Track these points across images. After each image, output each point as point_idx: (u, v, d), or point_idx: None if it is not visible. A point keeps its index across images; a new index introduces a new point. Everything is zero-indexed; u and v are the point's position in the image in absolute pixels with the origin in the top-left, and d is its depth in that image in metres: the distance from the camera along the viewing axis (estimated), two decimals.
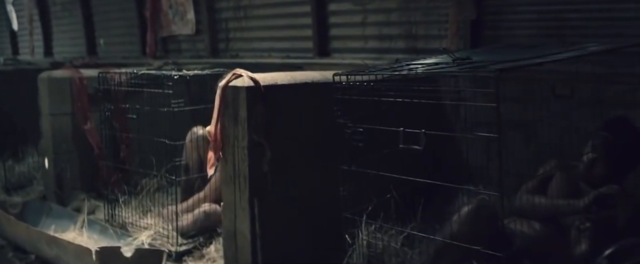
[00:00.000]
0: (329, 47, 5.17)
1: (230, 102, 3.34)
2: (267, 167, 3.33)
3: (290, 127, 3.45)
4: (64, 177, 4.89)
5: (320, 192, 3.50)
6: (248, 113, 3.27)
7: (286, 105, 3.43)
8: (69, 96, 4.91)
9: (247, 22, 5.75)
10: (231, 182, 3.39)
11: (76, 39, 7.59)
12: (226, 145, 3.40)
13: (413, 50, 4.62)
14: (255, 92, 3.29)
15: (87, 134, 4.96)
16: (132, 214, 4.40)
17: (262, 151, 3.32)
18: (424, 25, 4.56)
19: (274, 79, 3.41)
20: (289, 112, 3.45)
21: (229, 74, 3.41)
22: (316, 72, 3.74)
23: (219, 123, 3.39)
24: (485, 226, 2.84)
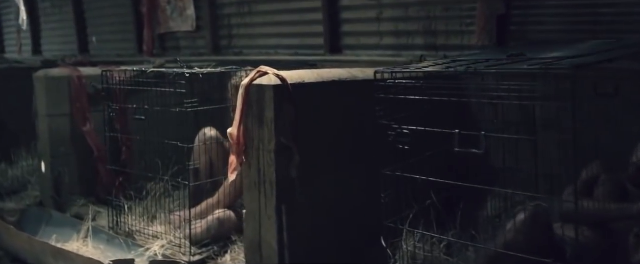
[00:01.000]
0: (341, 44, 4.91)
1: (255, 102, 3.07)
2: (295, 173, 3.06)
3: (318, 129, 3.18)
4: (62, 181, 4.58)
5: (351, 198, 3.25)
6: (275, 114, 2.99)
7: (314, 105, 3.17)
8: (67, 96, 4.58)
9: (252, 18, 5.46)
10: (255, 189, 3.11)
11: (67, 36, 7.23)
12: (249, 148, 3.12)
13: (433, 47, 4.38)
14: (282, 91, 3.02)
15: (87, 136, 4.65)
16: (138, 221, 4.09)
17: (290, 155, 3.04)
18: (444, 20, 4.32)
19: (301, 77, 3.14)
20: (317, 112, 3.18)
21: (253, 72, 3.13)
22: (342, 70, 3.48)
23: (242, 125, 3.11)
24: (542, 235, 2.61)
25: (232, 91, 4.01)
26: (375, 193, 3.30)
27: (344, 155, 3.25)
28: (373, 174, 3.40)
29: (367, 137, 3.36)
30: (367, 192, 3.27)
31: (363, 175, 3.19)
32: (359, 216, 3.22)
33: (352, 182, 3.23)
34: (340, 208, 3.22)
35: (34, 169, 5.25)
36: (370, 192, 3.33)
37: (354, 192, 3.21)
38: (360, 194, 3.23)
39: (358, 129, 3.33)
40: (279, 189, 3.02)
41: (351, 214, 3.19)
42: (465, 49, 4.20)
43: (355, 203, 3.20)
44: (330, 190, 3.20)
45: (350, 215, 3.19)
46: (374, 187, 3.36)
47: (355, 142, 3.33)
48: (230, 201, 4.00)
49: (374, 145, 3.42)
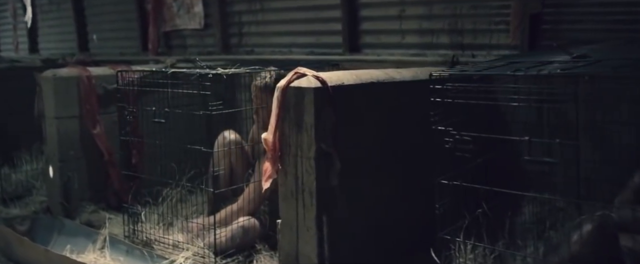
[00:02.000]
0: (360, 43, 4.70)
1: (292, 105, 2.85)
2: (336, 181, 2.85)
3: (357, 134, 2.99)
4: (72, 187, 4.33)
5: (391, 207, 3.06)
6: (315, 118, 2.78)
7: (353, 108, 2.96)
8: (76, 97, 4.33)
9: (264, 15, 5.22)
10: (292, 198, 2.90)
11: (65, 34, 6.94)
12: (285, 155, 2.91)
13: (459, 46, 4.19)
14: (323, 94, 2.81)
15: (96, 138, 4.41)
16: (155, 229, 3.86)
17: (330, 161, 2.84)
18: (471, 18, 4.13)
19: (340, 79, 2.93)
20: (357, 116, 2.98)
21: (290, 73, 2.92)
22: (377, 71, 3.28)
23: (278, 130, 2.90)
24: (609, 247, 2.43)
25: (255, 92, 3.79)
26: (416, 201, 3.12)
27: (383, 161, 3.06)
28: (414, 180, 3.22)
29: (408, 142, 3.18)
30: (408, 199, 3.09)
31: (404, 182, 3.01)
32: (399, 225, 3.04)
33: (392, 190, 3.04)
34: (380, 216, 3.03)
35: (38, 173, 4.99)
36: (411, 200, 3.16)
37: (395, 200, 3.02)
38: (400, 202, 3.04)
39: (398, 134, 3.14)
40: (319, 198, 2.82)
41: (392, 223, 3.00)
42: (494, 48, 4.03)
43: (395, 211, 3.02)
44: (370, 198, 3.00)
45: (391, 224, 3.01)
46: (415, 194, 3.19)
47: (396, 148, 3.14)
48: (253, 207, 3.78)
49: (415, 150, 3.25)
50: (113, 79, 4.46)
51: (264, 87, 3.75)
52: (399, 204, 3.07)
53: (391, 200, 3.05)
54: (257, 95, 3.77)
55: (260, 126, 3.86)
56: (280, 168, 2.92)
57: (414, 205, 3.10)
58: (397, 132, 3.16)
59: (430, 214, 3.30)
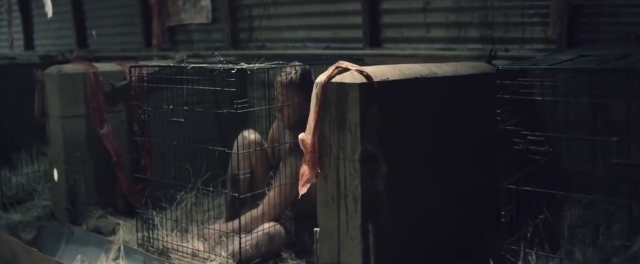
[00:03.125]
0: (381, 37, 4.42)
1: (334, 103, 2.57)
2: (382, 185, 2.58)
3: (402, 134, 2.71)
4: (78, 190, 4.01)
5: (438, 212, 2.79)
6: (361, 117, 2.50)
7: (398, 106, 2.69)
8: (82, 95, 4.02)
9: (276, 9, 4.93)
10: (333, 204, 2.62)
11: (62, 30, 6.59)
12: (325, 157, 2.63)
13: (489, 39, 3.93)
14: (368, 90, 2.53)
15: (104, 139, 4.09)
16: (170, 235, 3.57)
17: (375, 164, 2.56)
18: (502, 10, 3.87)
19: (384, 74, 2.66)
20: (402, 114, 2.71)
21: (331, 68, 2.63)
22: (418, 65, 3.01)
23: (317, 130, 2.61)
24: None
25: (279, 88, 3.51)
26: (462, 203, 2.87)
27: (429, 162, 2.79)
28: (458, 182, 2.97)
29: (454, 141, 2.92)
30: (453, 203, 2.83)
31: (448, 184, 2.75)
32: (445, 230, 2.78)
33: (437, 193, 2.78)
34: (425, 222, 2.76)
35: (40, 175, 4.67)
36: (456, 203, 2.90)
37: (440, 203, 2.77)
38: (446, 206, 2.79)
39: (443, 132, 2.88)
40: (365, 204, 2.54)
41: (437, 228, 2.74)
42: (527, 42, 3.79)
43: (441, 215, 2.76)
44: (416, 203, 2.74)
45: (437, 229, 2.75)
46: (460, 197, 2.94)
47: (441, 147, 2.87)
48: (277, 212, 3.49)
49: (461, 149, 2.99)
50: (120, 76, 4.18)
51: (289, 84, 3.47)
52: (444, 208, 2.82)
53: (436, 204, 2.80)
54: (281, 92, 3.48)
55: (285, 125, 3.58)
56: (319, 172, 2.63)
57: (459, 208, 2.86)
58: (441, 131, 2.90)
59: (476, 217, 3.07)
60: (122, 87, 4.17)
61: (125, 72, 4.19)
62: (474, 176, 3.12)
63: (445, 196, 2.95)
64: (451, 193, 2.98)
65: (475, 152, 3.12)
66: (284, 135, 3.68)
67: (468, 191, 3.08)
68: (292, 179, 3.43)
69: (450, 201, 2.98)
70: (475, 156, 3.12)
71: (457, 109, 3.02)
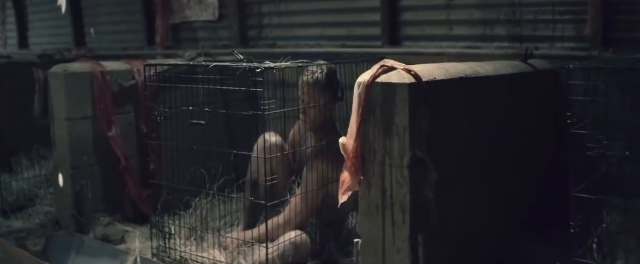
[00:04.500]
0: (400, 35, 4.21)
1: (380, 105, 2.36)
2: (431, 194, 2.36)
3: (450, 137, 2.50)
4: (85, 197, 3.76)
5: (483, 223, 2.59)
6: (410, 120, 2.29)
7: (446, 107, 2.48)
8: (89, 96, 3.76)
9: (288, 6, 4.70)
10: (378, 215, 2.41)
11: (59, 28, 6.29)
12: (369, 163, 2.41)
13: (516, 37, 3.73)
14: (417, 91, 2.32)
15: (112, 142, 3.84)
16: (186, 244, 3.33)
17: (425, 171, 2.35)
18: (532, 7, 3.67)
19: (431, 73, 2.45)
20: (449, 116, 2.50)
21: (375, 67, 2.42)
22: (460, 64, 2.80)
23: (361, 133, 2.39)
24: None
25: (304, 88, 3.28)
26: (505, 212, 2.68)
27: (473, 167, 2.59)
28: (502, 189, 2.78)
29: (500, 144, 2.72)
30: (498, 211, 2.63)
31: (492, 191, 2.55)
32: (486, 240, 2.59)
33: (481, 200, 2.58)
34: (468, 232, 2.56)
35: (41, 180, 4.40)
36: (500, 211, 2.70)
37: (486, 211, 2.57)
38: (489, 215, 2.59)
39: (489, 135, 2.68)
40: (414, 214, 2.32)
41: (479, 238, 2.54)
42: (557, 41, 3.59)
43: (483, 225, 2.56)
44: (463, 211, 2.53)
45: (479, 240, 2.55)
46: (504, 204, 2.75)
47: (487, 151, 2.67)
48: (301, 220, 3.27)
49: (507, 153, 2.79)
50: (129, 75, 3.94)
51: (315, 84, 3.24)
52: (486, 216, 2.63)
53: (478, 212, 2.60)
54: (306, 92, 3.26)
55: (309, 128, 3.36)
56: (362, 179, 2.41)
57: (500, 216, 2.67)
58: (484, 134, 2.70)
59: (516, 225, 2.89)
60: (131, 87, 3.92)
61: (134, 72, 3.95)
62: (514, 182, 2.93)
63: (487, 203, 2.75)
64: (493, 200, 2.79)
65: (516, 157, 2.93)
66: (307, 138, 3.46)
67: (508, 197, 2.88)
68: (318, 185, 3.21)
69: (492, 209, 2.78)
70: (515, 160, 2.93)
71: (499, 111, 2.83)
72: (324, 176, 3.23)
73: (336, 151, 3.30)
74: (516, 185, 2.98)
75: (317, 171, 3.21)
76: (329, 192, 3.29)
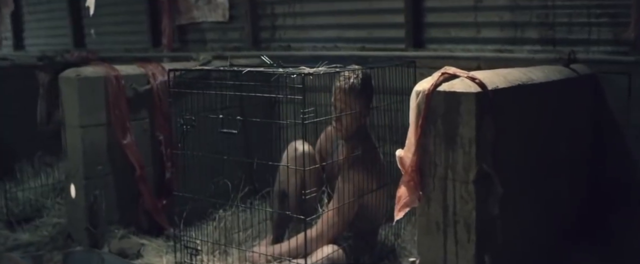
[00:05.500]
0: (424, 37, 4.04)
1: (441, 115, 2.18)
2: (497, 209, 2.20)
3: (512, 148, 2.34)
4: (99, 208, 3.53)
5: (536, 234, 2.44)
6: (477, 132, 2.12)
7: (508, 117, 2.31)
8: (103, 101, 3.54)
9: (303, 6, 4.51)
10: (438, 233, 2.23)
11: (57, 28, 6.03)
12: (427, 177, 2.24)
13: (550, 40, 3.59)
14: (484, 100, 2.15)
15: (127, 150, 3.62)
16: (213, 261, 3.13)
17: (490, 185, 2.18)
18: (566, 9, 3.53)
19: (492, 81, 2.28)
20: (511, 126, 2.33)
21: (436, 74, 2.24)
22: (513, 70, 2.63)
23: (420, 145, 2.22)
24: None
25: (337, 94, 3.09)
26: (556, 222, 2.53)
27: (532, 179, 2.44)
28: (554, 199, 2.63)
29: (558, 153, 2.56)
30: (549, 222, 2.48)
31: (546, 202, 2.41)
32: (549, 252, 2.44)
33: (536, 212, 2.43)
34: (531, 246, 2.41)
35: (48, 189, 4.15)
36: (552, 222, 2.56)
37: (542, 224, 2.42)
38: (541, 226, 2.44)
39: (547, 144, 2.52)
40: (479, 232, 2.16)
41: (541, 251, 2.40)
42: (593, 44, 3.45)
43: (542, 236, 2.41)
44: (516, 226, 2.37)
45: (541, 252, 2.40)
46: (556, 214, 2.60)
47: (546, 161, 2.52)
48: (334, 233, 3.09)
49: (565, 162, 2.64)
50: (143, 79, 3.72)
51: (349, 90, 3.06)
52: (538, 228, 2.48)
53: (537, 223, 2.45)
54: (340, 98, 3.07)
55: (341, 136, 3.17)
56: (421, 195, 2.24)
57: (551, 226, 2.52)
58: (539, 142, 2.55)
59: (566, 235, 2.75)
60: (146, 92, 3.71)
61: (149, 75, 3.74)
62: (560, 191, 2.79)
63: (540, 214, 2.60)
64: (544, 211, 2.64)
65: (562, 165, 2.78)
66: (338, 146, 3.28)
67: (555, 208, 2.74)
68: (353, 196, 3.04)
69: (543, 220, 2.63)
70: (562, 169, 2.78)
71: (549, 118, 2.68)
72: (360, 186, 3.05)
73: (371, 160, 3.16)
74: (562, 194, 2.84)
75: (351, 181, 3.03)
76: (363, 204, 3.12)
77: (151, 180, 3.75)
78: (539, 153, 2.59)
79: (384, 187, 3.17)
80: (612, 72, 3.28)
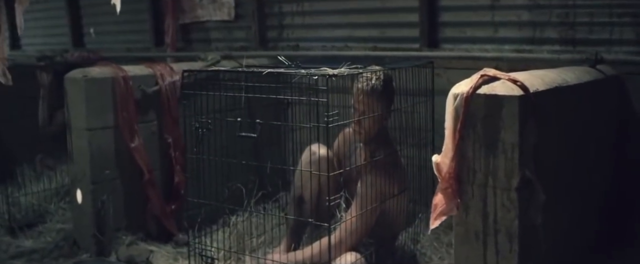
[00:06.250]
0: (439, 36, 3.93)
1: (481, 119, 2.07)
2: (540, 218, 2.09)
3: (549, 153, 2.23)
4: (107, 214, 3.40)
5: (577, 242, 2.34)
6: (520, 137, 2.01)
7: (548, 121, 2.21)
8: (111, 103, 3.40)
9: (312, 5, 4.39)
10: (478, 242, 2.12)
11: (54, 27, 5.87)
12: (465, 184, 2.13)
13: (570, 41, 3.49)
14: (527, 104, 2.04)
15: (135, 153, 3.49)
16: None
17: (532, 193, 2.07)
18: (587, 9, 3.43)
19: (532, 83, 2.17)
20: (549, 131, 2.23)
21: (475, 76, 2.13)
22: (547, 71, 2.53)
23: (458, 151, 2.11)
24: None
25: (359, 96, 2.97)
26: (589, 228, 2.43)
27: (567, 183, 2.34)
28: (587, 204, 2.53)
29: (583, 157, 2.47)
30: (583, 228, 2.39)
31: (581, 207, 2.31)
32: (581, 258, 2.35)
33: (571, 217, 2.33)
34: (567, 253, 2.31)
35: (51, 194, 4.01)
36: (586, 228, 2.46)
37: (575, 229, 2.32)
38: (578, 231, 2.34)
39: (583, 147, 2.43)
40: (522, 242, 2.05)
41: (574, 257, 2.30)
42: (615, 44, 3.35)
43: (575, 242, 2.32)
44: (561, 232, 2.27)
45: (574, 259, 2.31)
46: (590, 219, 2.50)
47: (575, 165, 2.42)
48: (355, 240, 2.96)
49: (589, 166, 2.55)
50: (151, 80, 3.59)
51: (371, 92, 2.94)
52: (575, 232, 2.38)
53: (572, 229, 2.35)
54: (361, 100, 2.95)
55: (363, 139, 3.05)
56: (459, 202, 2.13)
57: (586, 232, 2.42)
58: (572, 146, 2.45)
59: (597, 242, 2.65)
60: (154, 93, 3.58)
61: (157, 76, 3.61)
62: (590, 196, 2.69)
63: (573, 221, 2.50)
64: (580, 218, 2.54)
65: (592, 169, 2.69)
66: (356, 149, 3.16)
67: (589, 213, 2.65)
68: (375, 202, 2.92)
69: (577, 227, 2.53)
70: (592, 172, 2.69)
71: (580, 121, 2.58)
72: (381, 191, 2.94)
73: (392, 163, 3.04)
74: (591, 200, 2.75)
75: (372, 186, 2.91)
76: (384, 209, 3.00)
77: (160, 184, 3.62)
78: (573, 158, 2.49)
79: (404, 192, 3.06)
80: (636, 73, 3.19)
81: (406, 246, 3.25)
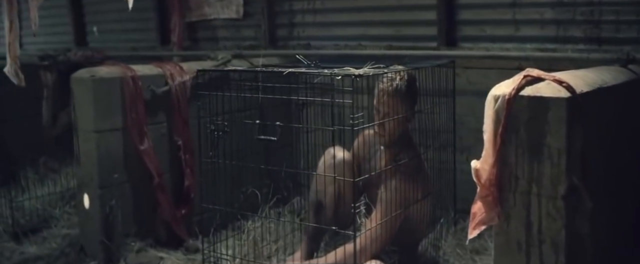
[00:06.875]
0: (457, 35, 3.80)
1: (524, 122, 1.94)
2: (587, 227, 1.96)
3: (598, 160, 2.10)
4: (115, 220, 3.25)
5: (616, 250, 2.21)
6: (568, 142, 1.88)
7: (592, 124, 2.08)
8: (119, 104, 3.26)
9: (324, 2, 4.26)
10: (520, 253, 1.99)
11: (57, 26, 5.71)
12: (507, 192, 1.99)
13: (595, 40, 3.36)
14: (573, 106, 1.90)
15: (144, 156, 3.34)
16: None
17: (578, 200, 1.94)
18: (612, 7, 3.30)
19: (576, 85, 2.03)
20: (593, 134, 2.09)
21: (517, 77, 1.99)
22: (586, 71, 2.40)
23: (500, 156, 1.97)
24: None
25: (381, 97, 2.83)
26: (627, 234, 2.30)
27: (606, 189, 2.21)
28: (625, 210, 2.40)
29: (618, 160, 2.34)
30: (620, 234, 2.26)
31: (620, 214, 2.18)
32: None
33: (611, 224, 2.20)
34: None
35: (56, 198, 3.86)
36: (624, 234, 2.33)
37: (612, 237, 2.20)
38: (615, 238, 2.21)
39: (610, 151, 2.29)
40: (569, 253, 1.91)
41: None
42: None
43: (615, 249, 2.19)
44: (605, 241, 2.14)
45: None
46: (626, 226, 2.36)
47: (611, 169, 2.29)
48: (378, 248, 2.82)
49: (623, 170, 2.42)
50: (161, 80, 3.45)
51: (394, 92, 2.80)
52: (612, 239, 2.26)
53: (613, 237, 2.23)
54: (384, 102, 2.81)
55: (386, 141, 2.92)
56: (501, 212, 1.99)
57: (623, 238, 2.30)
58: (609, 149, 2.32)
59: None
60: (164, 94, 3.44)
61: (167, 76, 3.47)
62: (624, 201, 2.57)
63: (613, 229, 2.37)
64: (620, 221, 2.42)
65: (626, 172, 2.56)
66: (377, 152, 3.02)
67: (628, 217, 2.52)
68: (398, 208, 2.79)
69: (616, 234, 2.40)
70: (626, 176, 2.56)
71: (616, 123, 2.45)
72: (405, 196, 2.80)
73: (415, 167, 2.91)
74: (627, 203, 2.62)
75: (399, 191, 2.78)
76: (407, 215, 2.87)
77: (169, 188, 3.48)
78: (612, 161, 2.35)
79: (428, 197, 2.93)
80: None
81: (428, 253, 3.12)
